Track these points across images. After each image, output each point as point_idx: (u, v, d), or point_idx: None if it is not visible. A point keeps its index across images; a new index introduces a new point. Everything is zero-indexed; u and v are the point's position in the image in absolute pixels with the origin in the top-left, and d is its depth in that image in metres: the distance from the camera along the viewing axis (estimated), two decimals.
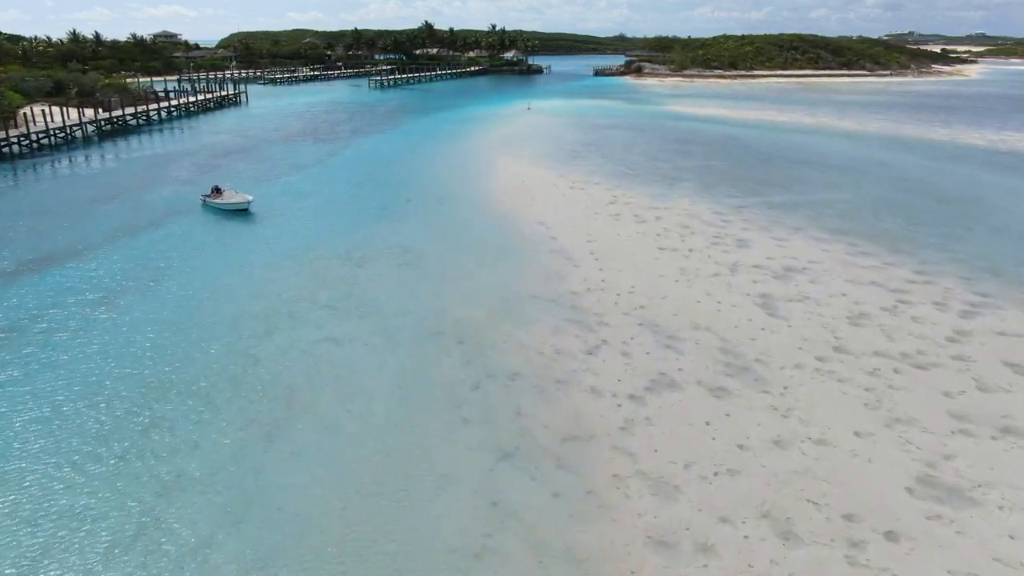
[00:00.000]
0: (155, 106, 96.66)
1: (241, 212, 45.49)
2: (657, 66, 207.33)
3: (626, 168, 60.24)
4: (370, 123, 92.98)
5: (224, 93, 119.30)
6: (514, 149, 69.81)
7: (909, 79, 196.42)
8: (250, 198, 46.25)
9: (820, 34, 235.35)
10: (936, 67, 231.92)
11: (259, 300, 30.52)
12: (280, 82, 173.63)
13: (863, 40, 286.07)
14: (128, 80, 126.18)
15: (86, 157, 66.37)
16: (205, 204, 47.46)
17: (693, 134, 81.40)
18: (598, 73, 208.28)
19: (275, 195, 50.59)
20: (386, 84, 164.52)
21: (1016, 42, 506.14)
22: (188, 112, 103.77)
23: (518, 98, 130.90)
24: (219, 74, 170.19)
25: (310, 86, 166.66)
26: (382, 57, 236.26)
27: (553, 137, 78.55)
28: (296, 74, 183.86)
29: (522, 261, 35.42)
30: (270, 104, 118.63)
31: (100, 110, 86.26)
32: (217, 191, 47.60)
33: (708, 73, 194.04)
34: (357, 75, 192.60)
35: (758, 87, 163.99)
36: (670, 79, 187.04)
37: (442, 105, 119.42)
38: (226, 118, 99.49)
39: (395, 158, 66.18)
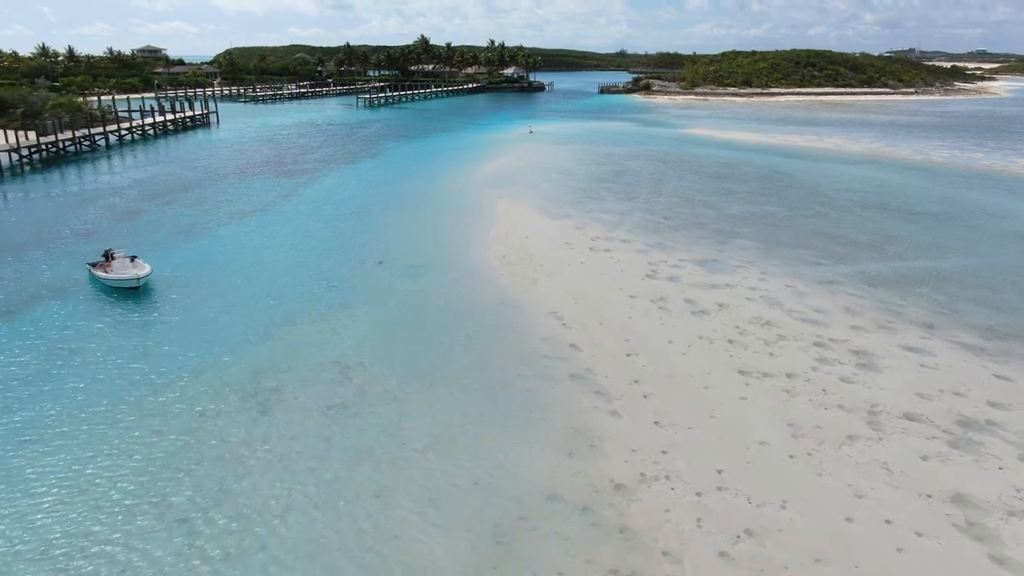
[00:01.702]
0: (107, 129, 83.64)
1: (132, 290, 32.34)
2: (667, 83, 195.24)
3: (659, 217, 47.03)
4: (347, 150, 79.93)
5: (191, 113, 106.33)
6: (515, 188, 56.66)
7: (937, 97, 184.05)
8: (146, 271, 33.08)
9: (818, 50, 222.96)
10: (959, 85, 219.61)
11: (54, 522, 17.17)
12: (263, 100, 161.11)
13: (882, 57, 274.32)
14: (95, 98, 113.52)
15: None
16: (91, 275, 34.34)
17: (729, 166, 68.29)
18: (604, 91, 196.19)
19: (193, 258, 37.41)
20: (376, 103, 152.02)
21: (1019, 58, 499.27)
22: (145, 136, 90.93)
23: (519, 119, 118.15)
24: (200, 92, 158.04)
25: (295, 104, 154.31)
26: (376, 73, 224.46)
27: (562, 170, 65.44)
28: (281, 91, 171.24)
29: (530, 406, 22.09)
30: (243, 126, 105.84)
31: (36, 134, 73.53)
32: (108, 258, 34.46)
33: (721, 91, 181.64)
34: (348, 92, 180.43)
35: (779, 106, 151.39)
36: (682, 97, 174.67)
37: (434, 127, 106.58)
38: (186, 143, 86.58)
39: (365, 201, 53.05)
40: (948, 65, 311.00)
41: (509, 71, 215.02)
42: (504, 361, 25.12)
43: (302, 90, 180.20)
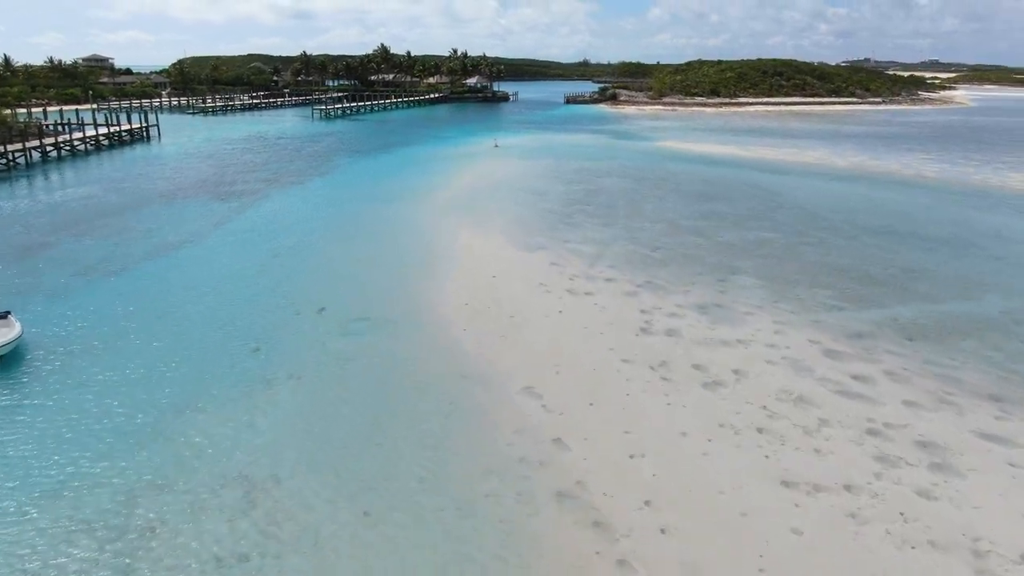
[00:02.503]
0: (27, 145, 75.31)
1: None
2: (634, 93, 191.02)
3: (644, 247, 41.15)
4: (296, 168, 72.89)
5: (128, 127, 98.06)
6: (480, 212, 50.42)
7: (906, 107, 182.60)
8: (13, 334, 26.09)
9: (785, 59, 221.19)
10: (923, 94, 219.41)
11: None
12: (213, 112, 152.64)
13: (846, 66, 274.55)
14: (30, 110, 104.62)
15: None
16: None
17: (711, 184, 62.93)
18: (570, 101, 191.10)
19: (90, 309, 30.40)
20: (332, 114, 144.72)
21: (971, 68, 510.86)
22: (75, 152, 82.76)
23: (483, 132, 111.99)
24: (146, 103, 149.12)
25: (248, 116, 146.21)
26: (334, 83, 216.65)
27: (531, 190, 59.39)
28: (233, 103, 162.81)
29: (505, 551, 15.76)
30: (185, 140, 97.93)
31: None
32: None
33: (689, 101, 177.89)
34: (305, 103, 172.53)
35: (749, 116, 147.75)
36: (650, 107, 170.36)
37: (393, 141, 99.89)
38: (118, 161, 78.72)
39: (309, 231, 46.35)
40: (906, 75, 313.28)
41: (472, 81, 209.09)
42: (467, 470, 18.78)
43: (256, 101, 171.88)
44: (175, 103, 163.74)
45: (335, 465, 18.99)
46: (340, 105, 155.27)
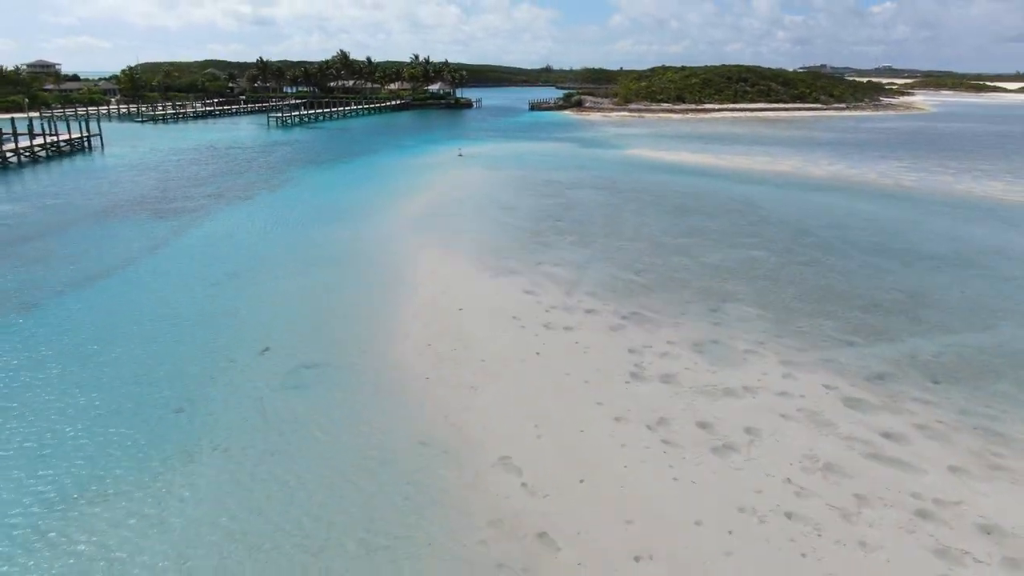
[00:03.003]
0: None
1: None
2: (599, 100, 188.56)
3: (626, 270, 37.52)
4: (245, 181, 68.01)
5: (67, 136, 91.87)
6: (444, 231, 46.40)
7: (870, 113, 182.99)
8: None
9: (748, 65, 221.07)
10: (886, 100, 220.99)
11: None
12: (164, 119, 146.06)
13: (809, 72, 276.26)
14: None
15: None
16: None
17: (688, 197, 59.73)
18: (535, 107, 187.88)
19: None
20: (289, 122, 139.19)
21: (924, 74, 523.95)
22: (6, 164, 76.62)
23: (446, 140, 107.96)
24: (93, 111, 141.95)
25: (200, 124, 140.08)
26: (292, 90, 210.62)
27: (500, 204, 55.53)
28: (185, 110, 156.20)
29: None
30: (129, 150, 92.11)
31: None
32: None
33: (656, 107, 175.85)
34: (261, 110, 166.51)
35: (716, 123, 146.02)
36: (616, 114, 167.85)
37: (352, 151, 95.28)
38: (52, 174, 72.91)
39: (254, 255, 41.89)
40: (865, 80, 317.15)
41: (435, 87, 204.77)
42: None
43: (210, 108, 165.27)
44: (124, 111, 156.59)
45: None
46: (298, 113, 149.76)
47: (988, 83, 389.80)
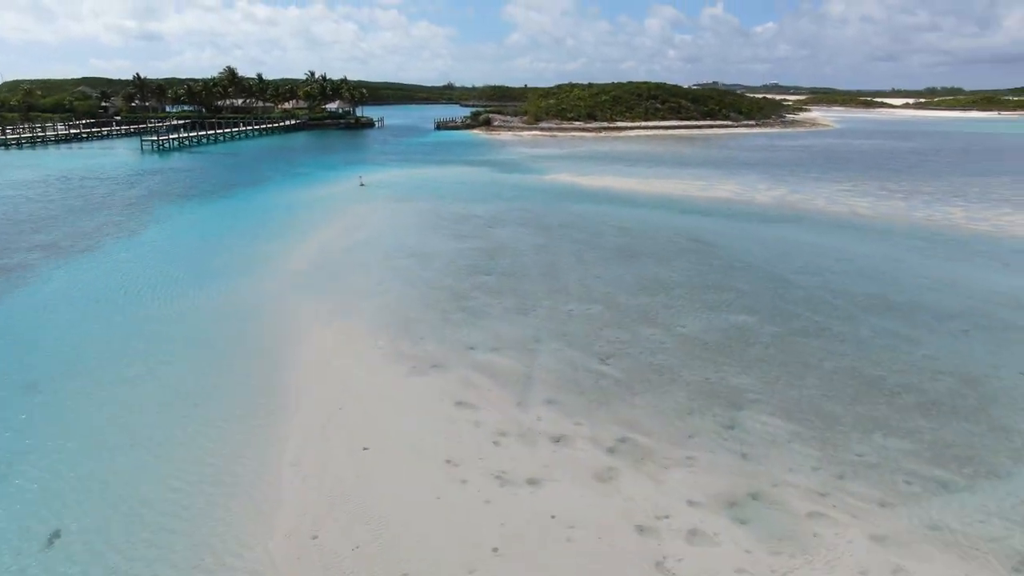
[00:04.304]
0: None
1: None
2: (508, 118, 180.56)
3: (589, 354, 28.06)
4: (95, 223, 54.92)
5: None
6: (337, 295, 35.89)
7: (779, 130, 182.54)
8: None
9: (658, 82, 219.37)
10: (790, 116, 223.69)
11: None
12: (18, 144, 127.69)
13: (714, 88, 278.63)
14: None
15: None
16: None
17: (631, 233, 51.31)
18: (441, 126, 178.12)
19: None
20: (168, 145, 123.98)
21: (809, 90, 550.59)
22: None
23: (346, 166, 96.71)
24: None
25: (64, 149, 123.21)
26: (175, 110, 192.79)
27: (411, 251, 45.34)
28: (45, 134, 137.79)
29: None
30: None
31: None
32: None
33: (567, 125, 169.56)
34: (138, 132, 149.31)
35: (631, 141, 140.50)
36: (527, 133, 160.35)
37: (235, 180, 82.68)
38: None
39: (72, 346, 30.09)
40: (760, 97, 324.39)
41: (333, 106, 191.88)
42: None
43: (76, 131, 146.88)
44: None
45: None
46: (178, 135, 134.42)
47: (875, 99, 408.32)
